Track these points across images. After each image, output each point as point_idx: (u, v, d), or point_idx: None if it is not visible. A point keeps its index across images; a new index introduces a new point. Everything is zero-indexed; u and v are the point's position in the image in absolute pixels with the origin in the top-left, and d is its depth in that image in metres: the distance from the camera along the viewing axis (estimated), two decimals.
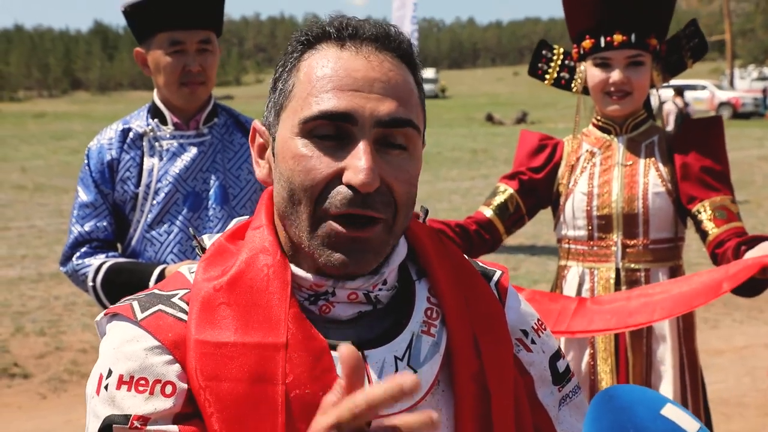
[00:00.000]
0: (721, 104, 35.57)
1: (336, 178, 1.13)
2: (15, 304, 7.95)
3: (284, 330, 1.14)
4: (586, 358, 2.74)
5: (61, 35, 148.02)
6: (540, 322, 1.39)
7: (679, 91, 15.90)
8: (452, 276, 1.27)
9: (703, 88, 36.40)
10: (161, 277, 2.57)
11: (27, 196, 15.49)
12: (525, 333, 1.36)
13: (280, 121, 1.19)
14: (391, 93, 1.15)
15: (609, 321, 2.29)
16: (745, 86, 44.37)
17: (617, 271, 2.70)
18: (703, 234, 2.61)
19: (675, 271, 2.72)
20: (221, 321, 1.15)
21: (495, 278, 1.36)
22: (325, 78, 1.15)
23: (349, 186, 1.12)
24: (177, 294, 1.20)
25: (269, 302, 1.16)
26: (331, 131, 1.14)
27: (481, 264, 1.39)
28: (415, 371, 1.18)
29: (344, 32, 1.18)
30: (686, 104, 15.69)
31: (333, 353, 1.14)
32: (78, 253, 2.72)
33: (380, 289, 1.21)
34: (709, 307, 7.62)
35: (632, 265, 2.69)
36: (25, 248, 10.70)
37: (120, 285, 2.62)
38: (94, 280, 2.66)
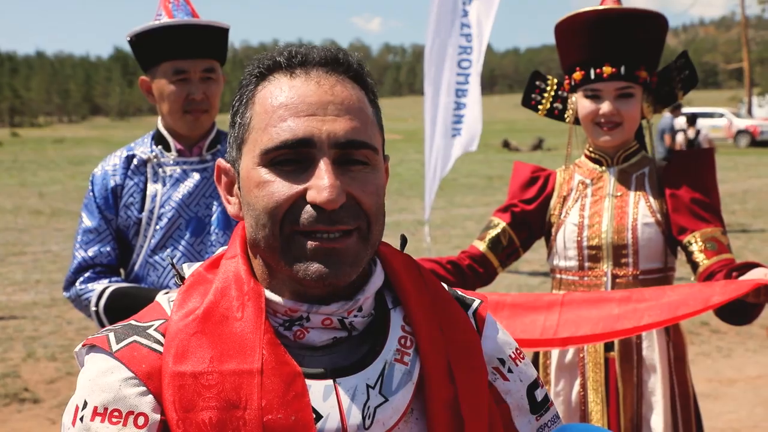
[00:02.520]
0: (739, 132, 35.44)
1: (300, 198, 1.16)
2: (27, 329, 7.99)
3: (259, 356, 1.15)
4: (576, 387, 2.73)
5: (82, 61, 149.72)
6: (518, 351, 1.39)
7: (692, 120, 15.85)
8: (427, 304, 1.28)
9: (721, 116, 36.30)
10: None
11: (44, 221, 15.60)
12: (502, 362, 1.36)
13: (242, 155, 1.22)
14: (345, 113, 1.18)
15: (596, 326, 2.29)
16: (763, 114, 44.15)
17: None
18: (693, 265, 2.61)
19: None
20: (198, 351, 1.16)
21: (473, 307, 1.37)
22: (281, 107, 1.18)
23: (314, 205, 1.14)
24: (153, 325, 1.22)
25: (244, 329, 1.17)
26: (292, 157, 1.17)
27: (460, 292, 1.39)
28: (387, 399, 1.19)
29: (294, 60, 1.21)
30: (698, 132, 15.62)
31: (307, 381, 1.16)
32: (81, 278, 2.75)
33: (355, 316, 1.22)
34: (722, 335, 7.57)
35: None
36: (39, 273, 10.76)
37: (122, 310, 2.64)
38: (96, 305, 2.69)
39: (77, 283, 2.75)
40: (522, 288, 9.41)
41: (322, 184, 1.14)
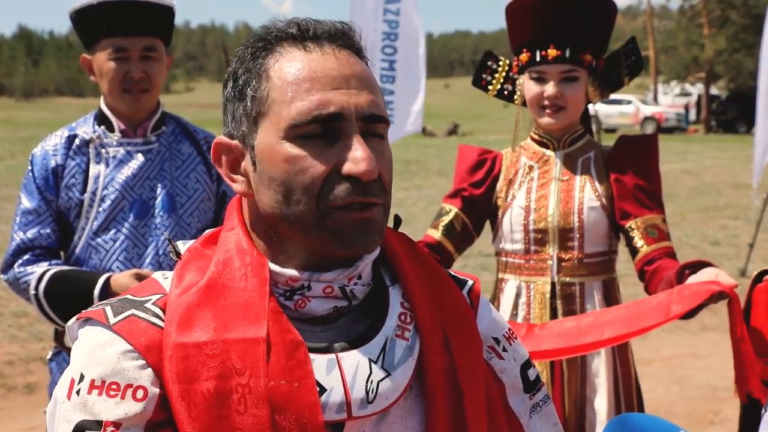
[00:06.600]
0: (646, 119, 36.41)
1: (333, 173, 1.16)
2: None
3: (264, 324, 1.15)
4: None
5: None
6: (511, 331, 1.42)
7: None
8: (424, 280, 1.29)
9: (629, 102, 37.21)
10: (106, 285, 2.53)
11: None
12: (497, 341, 1.38)
13: (259, 129, 1.21)
14: (366, 86, 1.20)
15: (558, 342, 2.31)
16: (668, 102, 45.40)
17: (553, 284, 2.74)
18: (633, 250, 2.68)
19: (609, 285, 2.77)
20: (201, 321, 1.16)
21: (467, 286, 1.39)
22: (305, 80, 1.18)
23: (349, 177, 1.16)
24: (150, 299, 1.21)
25: (249, 298, 1.17)
26: (320, 131, 1.17)
27: (453, 273, 1.41)
28: (389, 374, 1.19)
29: (306, 33, 1.21)
30: None
31: (309, 355, 1.16)
32: (20, 261, 2.67)
33: (355, 284, 1.23)
34: None
35: (567, 279, 2.73)
36: None
37: (64, 293, 2.58)
38: (36, 288, 2.61)
39: (15, 266, 2.67)
40: None
41: (358, 155, 1.15)
